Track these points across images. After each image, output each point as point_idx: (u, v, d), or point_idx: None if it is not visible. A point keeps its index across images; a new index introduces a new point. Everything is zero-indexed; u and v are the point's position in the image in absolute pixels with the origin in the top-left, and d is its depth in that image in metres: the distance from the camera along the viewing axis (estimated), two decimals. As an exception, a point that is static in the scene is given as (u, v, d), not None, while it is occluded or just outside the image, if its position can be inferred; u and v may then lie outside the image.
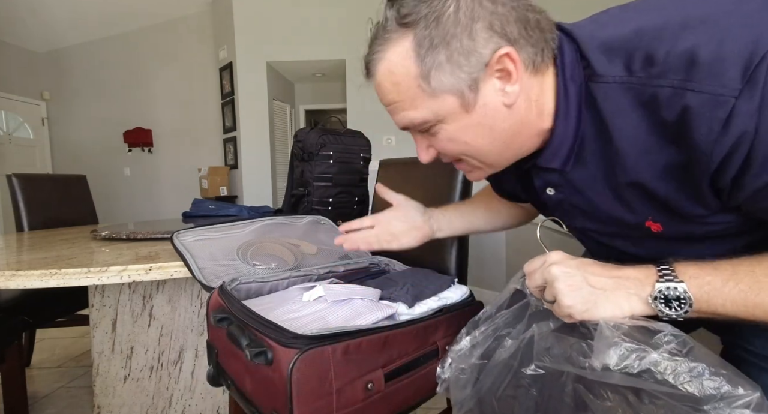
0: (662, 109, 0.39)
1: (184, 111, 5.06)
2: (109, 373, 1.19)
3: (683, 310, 0.41)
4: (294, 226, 1.08)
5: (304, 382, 0.51)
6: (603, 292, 0.44)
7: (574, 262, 0.47)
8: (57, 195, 1.91)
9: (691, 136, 0.38)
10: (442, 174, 1.00)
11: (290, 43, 4.25)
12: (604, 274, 0.46)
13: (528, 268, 0.51)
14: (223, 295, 0.69)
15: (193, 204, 1.73)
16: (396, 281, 0.80)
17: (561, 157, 0.49)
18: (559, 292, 0.45)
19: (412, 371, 0.64)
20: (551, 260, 0.47)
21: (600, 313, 0.44)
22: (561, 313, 0.46)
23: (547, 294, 0.48)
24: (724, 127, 0.36)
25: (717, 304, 0.41)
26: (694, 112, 0.37)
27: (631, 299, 0.44)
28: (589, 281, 0.45)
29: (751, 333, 0.52)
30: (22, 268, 0.79)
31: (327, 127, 3.92)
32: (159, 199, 5.21)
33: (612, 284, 0.45)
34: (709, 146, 0.37)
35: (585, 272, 0.46)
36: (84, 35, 4.90)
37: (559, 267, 0.46)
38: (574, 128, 0.47)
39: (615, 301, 0.44)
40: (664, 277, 0.43)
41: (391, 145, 4.29)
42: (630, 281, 0.44)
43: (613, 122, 0.43)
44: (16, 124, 4.76)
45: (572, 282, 0.45)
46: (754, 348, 0.51)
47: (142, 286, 1.18)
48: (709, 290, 0.41)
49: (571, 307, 0.44)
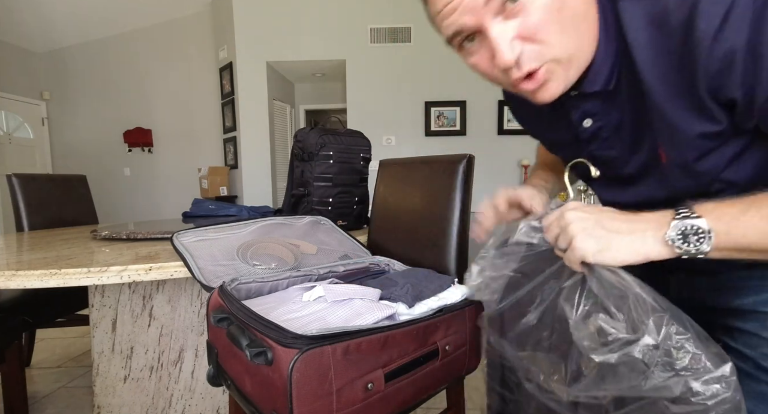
0: (671, 15, 0.41)
1: (184, 111, 5.06)
2: (109, 373, 1.19)
3: (702, 244, 0.40)
4: (294, 226, 1.08)
5: (304, 383, 0.51)
6: (618, 235, 0.43)
7: (589, 207, 0.47)
8: (57, 195, 1.91)
9: (693, 38, 0.39)
10: (442, 174, 1.00)
11: (290, 43, 4.25)
12: (620, 218, 0.45)
13: (546, 221, 0.50)
14: (223, 295, 0.69)
15: (193, 204, 1.73)
16: (396, 281, 0.80)
17: (602, 79, 0.49)
18: (572, 235, 0.44)
19: (412, 371, 0.64)
20: (567, 207, 0.47)
21: (614, 255, 0.43)
22: (574, 257, 0.45)
23: (561, 240, 0.47)
24: (723, 21, 0.37)
25: (738, 234, 0.40)
26: (699, 9, 0.38)
27: (647, 240, 0.42)
28: (603, 224, 0.44)
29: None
30: (22, 268, 0.79)
31: (327, 127, 3.92)
32: (159, 199, 5.21)
33: (628, 227, 0.44)
34: (706, 43, 0.38)
35: (600, 216, 0.45)
36: (84, 35, 4.89)
37: (573, 212, 0.46)
38: (615, 47, 0.47)
39: (630, 243, 0.43)
40: (681, 214, 0.42)
41: (391, 145, 4.29)
42: (647, 223, 0.43)
43: (633, 39, 0.44)
44: (16, 124, 4.76)
45: (586, 225, 0.44)
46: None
47: (142, 286, 1.18)
48: (729, 221, 0.40)
49: (583, 249, 0.44)
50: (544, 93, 0.48)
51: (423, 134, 4.28)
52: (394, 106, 4.26)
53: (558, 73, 0.47)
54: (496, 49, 0.44)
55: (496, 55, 0.45)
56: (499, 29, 0.44)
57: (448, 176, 0.98)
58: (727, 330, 0.56)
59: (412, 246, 1.04)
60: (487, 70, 0.49)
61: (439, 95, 4.21)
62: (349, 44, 4.22)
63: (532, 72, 0.46)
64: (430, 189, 1.01)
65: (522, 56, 0.45)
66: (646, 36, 0.43)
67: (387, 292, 0.74)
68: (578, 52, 0.46)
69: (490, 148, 4.18)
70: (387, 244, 1.14)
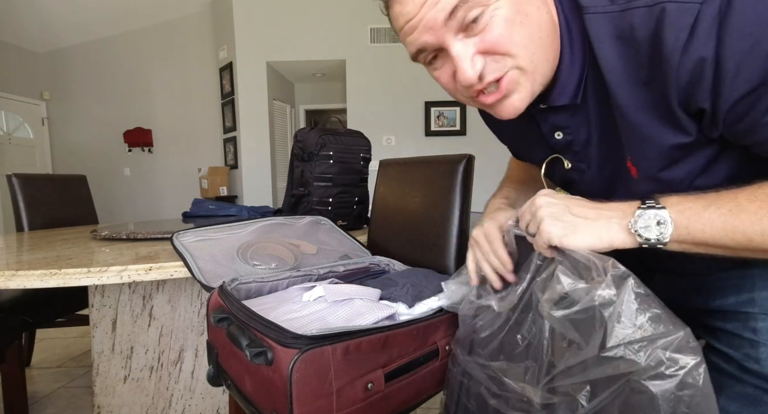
0: (637, 31, 0.41)
1: (184, 111, 5.07)
2: (109, 373, 1.19)
3: (663, 235, 0.42)
4: (294, 226, 1.08)
5: (304, 382, 0.51)
6: (584, 221, 0.45)
7: (560, 195, 0.49)
8: (57, 195, 1.91)
9: (661, 52, 0.39)
10: (442, 174, 1.00)
11: (290, 43, 4.25)
12: (588, 205, 0.47)
13: (521, 210, 0.52)
14: (223, 295, 0.69)
15: (193, 204, 1.73)
16: (396, 281, 0.80)
17: (569, 92, 0.49)
18: (541, 220, 0.46)
19: (413, 371, 0.64)
20: (538, 194, 0.49)
21: (578, 239, 0.44)
22: (541, 241, 0.47)
23: (531, 226, 0.49)
24: (690, 34, 0.37)
25: (697, 229, 0.41)
26: (665, 23, 0.38)
27: (611, 228, 0.44)
28: (571, 210, 0.46)
29: None
30: (22, 268, 0.79)
31: (327, 127, 3.92)
32: (159, 199, 5.21)
33: (594, 214, 0.45)
34: (676, 57, 0.38)
35: (569, 202, 0.47)
36: (84, 35, 4.90)
37: (544, 198, 0.48)
38: (581, 60, 0.47)
39: (595, 229, 0.44)
40: (647, 204, 0.43)
41: (391, 145, 4.29)
42: (613, 211, 0.45)
43: (600, 53, 0.45)
44: (16, 124, 4.76)
45: (554, 210, 0.46)
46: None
47: (142, 286, 1.18)
48: (690, 215, 0.41)
49: (550, 232, 0.45)
50: (506, 108, 0.48)
51: (423, 134, 4.28)
52: (394, 106, 4.26)
53: (522, 84, 0.47)
54: (458, 67, 0.45)
55: (458, 72, 0.46)
56: (459, 47, 0.45)
57: (448, 176, 0.97)
58: (710, 330, 0.56)
59: (412, 246, 1.04)
60: (448, 85, 0.50)
61: (439, 95, 4.20)
62: (349, 44, 4.22)
63: (498, 79, 0.46)
64: (430, 189, 1.01)
65: (485, 68, 0.45)
66: (614, 51, 0.44)
67: (387, 292, 0.74)
68: (543, 62, 0.47)
69: (490, 148, 4.13)
70: (387, 244, 1.14)
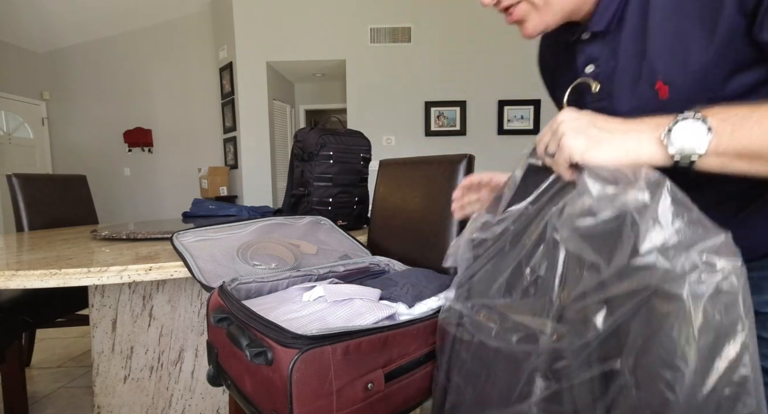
0: None
1: (184, 111, 5.06)
2: (109, 373, 1.19)
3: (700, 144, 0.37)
4: (294, 226, 1.08)
5: (304, 383, 0.51)
6: (611, 134, 0.41)
7: (585, 111, 0.45)
8: (57, 195, 1.91)
9: None
10: (442, 174, 1.00)
11: (290, 43, 4.25)
12: (617, 120, 0.43)
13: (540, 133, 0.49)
14: (223, 295, 0.69)
15: (193, 204, 1.73)
16: (396, 281, 0.80)
17: (606, 18, 0.50)
18: (562, 134, 0.43)
19: (413, 371, 0.64)
20: (561, 112, 0.45)
21: (603, 152, 0.40)
22: (561, 158, 0.43)
23: (551, 144, 0.45)
24: None
25: (742, 136, 0.36)
26: None
27: (641, 141, 0.40)
28: (597, 124, 0.42)
29: None
30: (22, 268, 0.79)
31: (327, 127, 3.92)
32: (159, 199, 5.20)
33: (623, 128, 0.41)
34: None
35: (595, 118, 0.43)
36: (84, 35, 4.89)
37: (567, 114, 0.44)
38: None
39: (622, 142, 0.40)
40: (684, 115, 0.38)
41: (391, 145, 4.29)
42: (645, 124, 0.41)
43: None
44: (16, 124, 4.76)
45: (578, 124, 0.43)
46: None
47: (142, 286, 1.18)
48: (735, 122, 0.37)
49: (572, 146, 0.42)
50: (522, 29, 0.55)
51: (423, 134, 4.28)
52: (394, 106, 4.26)
53: (532, 16, 0.52)
54: None
55: None
56: None
57: (448, 176, 0.98)
58: None
59: (412, 246, 1.04)
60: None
61: (439, 95, 4.21)
62: (349, 44, 4.22)
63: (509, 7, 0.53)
64: (430, 189, 1.01)
65: None
66: None
67: (387, 292, 0.74)
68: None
69: (490, 148, 4.17)
70: (387, 244, 1.14)
